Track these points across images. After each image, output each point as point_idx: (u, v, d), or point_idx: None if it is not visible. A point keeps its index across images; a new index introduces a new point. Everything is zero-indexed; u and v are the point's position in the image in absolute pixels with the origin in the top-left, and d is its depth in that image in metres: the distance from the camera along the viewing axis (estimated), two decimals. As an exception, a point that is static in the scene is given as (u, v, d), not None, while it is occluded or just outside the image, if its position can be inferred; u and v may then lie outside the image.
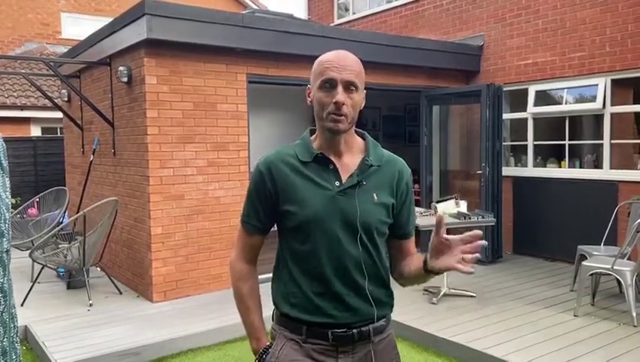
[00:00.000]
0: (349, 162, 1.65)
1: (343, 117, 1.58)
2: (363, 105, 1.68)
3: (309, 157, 1.65)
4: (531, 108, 7.17)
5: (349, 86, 1.59)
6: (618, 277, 4.71)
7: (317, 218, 1.60)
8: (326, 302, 1.60)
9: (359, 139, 1.73)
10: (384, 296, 1.68)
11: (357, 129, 1.73)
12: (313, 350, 1.61)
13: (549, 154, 7.29)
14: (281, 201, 1.65)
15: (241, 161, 5.87)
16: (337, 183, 1.62)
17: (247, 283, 1.75)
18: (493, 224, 5.94)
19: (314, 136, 1.72)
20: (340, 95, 1.57)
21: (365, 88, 1.72)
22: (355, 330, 1.61)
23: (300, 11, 11.57)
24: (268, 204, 1.71)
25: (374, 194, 1.63)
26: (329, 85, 1.59)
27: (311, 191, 1.61)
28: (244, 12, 7.35)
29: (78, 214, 5.52)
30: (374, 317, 1.63)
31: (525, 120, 7.33)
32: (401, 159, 1.75)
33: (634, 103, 6.44)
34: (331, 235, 1.59)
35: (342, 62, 1.61)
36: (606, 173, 6.50)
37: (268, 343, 1.70)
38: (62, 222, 6.50)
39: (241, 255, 1.79)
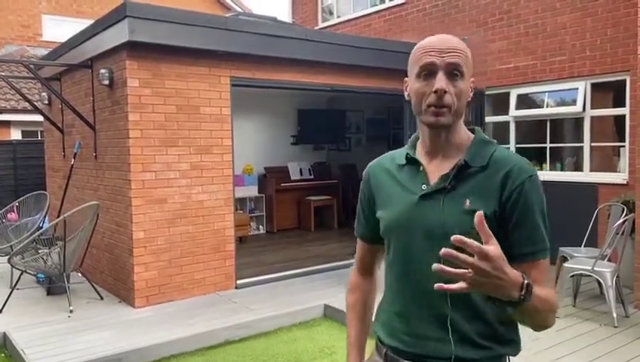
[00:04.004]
0: (445, 163, 1.41)
1: (445, 108, 1.34)
2: (470, 95, 1.41)
3: (404, 159, 1.49)
4: (513, 112, 7.25)
5: (452, 71, 1.34)
6: (599, 278, 4.77)
7: (397, 224, 1.43)
8: (402, 324, 1.42)
9: (468, 136, 1.45)
10: (478, 335, 1.33)
11: (472, 127, 1.50)
12: None
13: (531, 157, 7.34)
14: (376, 207, 1.54)
15: (224, 165, 5.84)
16: (424, 186, 1.40)
17: (352, 294, 1.68)
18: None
19: None
20: (441, 81, 1.33)
21: (348, 91, 1.60)
22: None
23: (284, 15, 11.58)
24: (368, 209, 1.58)
25: (467, 201, 1.34)
26: (428, 72, 1.35)
27: (398, 195, 1.45)
28: (227, 15, 7.33)
29: (59, 219, 5.44)
30: (451, 355, 1.34)
31: (507, 123, 7.40)
32: (520, 159, 1.38)
33: (613, 107, 6.54)
34: (410, 246, 1.40)
35: (444, 44, 1.35)
36: (586, 176, 6.59)
37: (357, 360, 1.60)
38: (42, 227, 6.40)
39: (355, 264, 1.70)
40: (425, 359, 1.37)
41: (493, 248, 1.11)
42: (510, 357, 1.42)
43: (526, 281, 1.17)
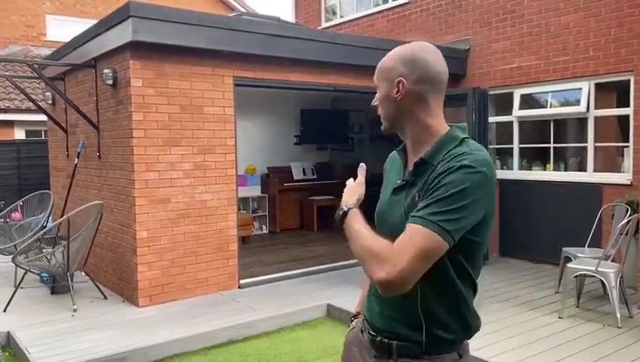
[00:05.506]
0: (414, 159, 1.53)
1: (381, 118, 1.60)
2: (397, 97, 1.51)
3: (397, 153, 1.68)
4: (517, 112, 7.24)
5: (375, 88, 1.60)
6: (602, 278, 4.75)
7: (377, 216, 1.60)
8: (375, 304, 1.60)
9: (436, 133, 1.52)
10: (427, 322, 1.46)
11: (452, 124, 1.58)
12: (363, 342, 1.63)
13: (535, 158, 7.35)
14: None
15: (227, 165, 5.84)
16: (398, 181, 1.56)
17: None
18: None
19: None
20: (374, 100, 1.61)
21: (351, 91, 1.72)
22: (379, 338, 1.55)
23: (287, 15, 11.58)
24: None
25: (416, 196, 1.45)
26: None
27: (385, 186, 1.64)
28: (231, 15, 7.34)
29: (62, 218, 5.46)
30: (393, 333, 1.52)
31: (511, 123, 7.39)
32: (468, 155, 1.40)
33: (617, 107, 6.52)
34: (384, 237, 1.47)
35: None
36: (590, 176, 6.58)
37: (358, 310, 1.81)
38: (45, 226, 6.41)
39: None
40: (384, 331, 1.54)
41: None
42: (463, 343, 1.54)
43: (343, 206, 1.53)
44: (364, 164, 1.63)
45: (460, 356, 1.51)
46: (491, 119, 7.42)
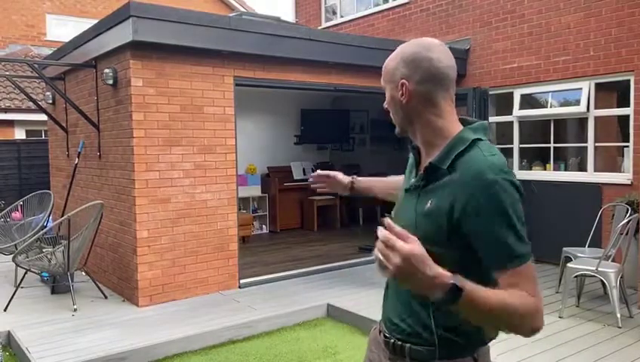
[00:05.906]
0: (427, 159, 1.46)
1: (393, 121, 1.56)
2: (402, 99, 1.46)
3: (411, 150, 1.60)
4: (517, 112, 7.24)
5: (384, 90, 1.55)
6: (602, 278, 4.76)
7: (394, 210, 1.56)
8: (385, 303, 1.61)
9: (448, 134, 1.43)
10: (437, 326, 1.42)
11: (467, 118, 1.49)
12: (379, 343, 1.62)
13: (535, 157, 7.35)
14: None
15: (228, 164, 5.85)
16: (412, 181, 1.50)
17: None
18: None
19: None
20: (385, 102, 1.56)
21: (352, 91, 1.65)
22: (392, 340, 1.53)
23: (288, 14, 11.59)
24: None
25: (429, 201, 1.38)
26: None
27: (403, 183, 1.59)
28: (231, 15, 7.34)
29: (63, 218, 5.46)
30: (406, 335, 1.49)
31: (511, 123, 7.39)
32: (482, 162, 1.33)
33: (617, 107, 6.52)
34: None
35: None
36: (590, 176, 6.58)
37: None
38: (46, 226, 6.42)
39: None
40: (398, 333, 1.51)
41: (404, 243, 1.15)
42: (479, 348, 1.46)
43: (452, 282, 1.17)
44: (389, 219, 1.23)
45: (475, 360, 1.45)
46: (491, 119, 7.42)
